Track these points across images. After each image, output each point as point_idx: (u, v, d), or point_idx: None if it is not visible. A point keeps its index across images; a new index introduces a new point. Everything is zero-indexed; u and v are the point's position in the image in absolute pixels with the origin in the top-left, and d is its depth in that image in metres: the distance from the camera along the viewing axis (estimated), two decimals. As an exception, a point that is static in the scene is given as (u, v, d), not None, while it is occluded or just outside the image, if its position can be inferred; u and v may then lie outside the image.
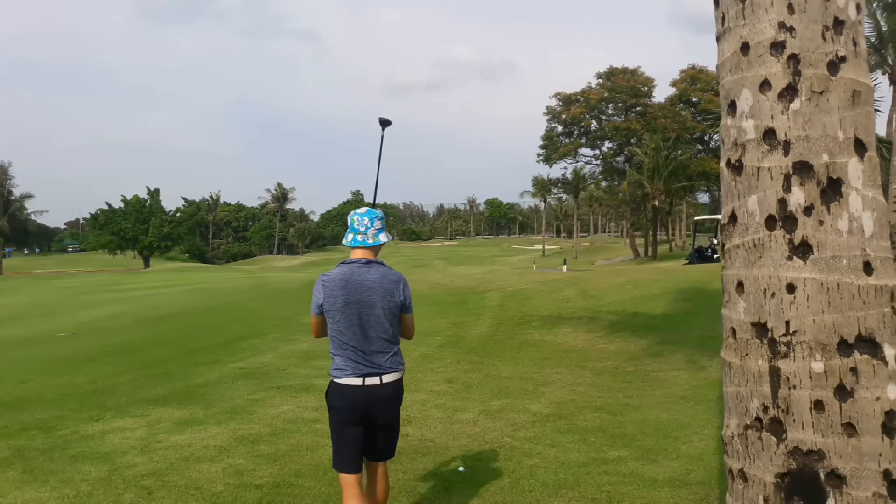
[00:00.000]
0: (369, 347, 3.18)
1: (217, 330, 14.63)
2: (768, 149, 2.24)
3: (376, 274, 3.21)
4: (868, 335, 2.15)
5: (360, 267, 3.21)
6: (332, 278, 3.21)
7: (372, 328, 3.17)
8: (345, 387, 3.19)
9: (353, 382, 3.17)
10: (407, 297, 3.29)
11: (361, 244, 3.25)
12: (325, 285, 3.22)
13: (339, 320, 3.17)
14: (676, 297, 13.54)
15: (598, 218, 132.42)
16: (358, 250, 3.26)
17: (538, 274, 25.95)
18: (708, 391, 7.04)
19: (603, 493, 4.24)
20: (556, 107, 61.08)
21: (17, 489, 4.43)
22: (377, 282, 3.19)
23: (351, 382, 3.17)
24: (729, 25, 2.36)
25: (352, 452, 3.24)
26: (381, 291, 3.19)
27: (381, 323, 3.18)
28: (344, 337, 3.18)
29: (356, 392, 3.17)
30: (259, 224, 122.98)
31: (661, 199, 52.50)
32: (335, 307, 3.17)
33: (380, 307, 3.17)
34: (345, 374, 3.19)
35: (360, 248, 3.26)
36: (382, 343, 3.20)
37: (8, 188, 73.70)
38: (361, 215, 3.29)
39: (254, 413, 6.47)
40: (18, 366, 11.03)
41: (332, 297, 3.18)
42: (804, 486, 2.16)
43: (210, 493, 4.32)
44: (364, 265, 3.22)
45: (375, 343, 3.19)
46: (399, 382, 3.28)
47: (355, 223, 3.28)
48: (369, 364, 3.18)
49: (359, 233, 3.26)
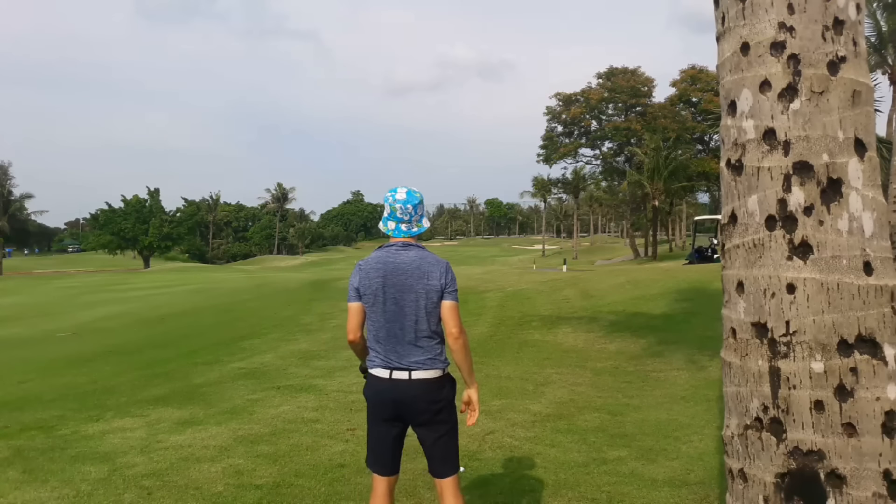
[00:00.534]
0: (402, 337, 2.93)
1: (217, 330, 14.64)
2: (768, 149, 2.24)
3: (415, 255, 2.97)
4: (868, 335, 2.15)
5: (397, 250, 3.00)
6: (369, 261, 3.02)
7: (407, 317, 2.92)
8: (373, 378, 3.01)
9: (380, 374, 2.97)
10: (448, 282, 2.95)
11: (406, 234, 3.03)
12: (360, 268, 3.03)
13: (373, 305, 2.97)
14: (676, 297, 13.54)
15: (598, 218, 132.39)
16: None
17: (538, 274, 25.95)
18: (708, 391, 7.04)
19: (603, 493, 4.24)
20: (556, 107, 61.10)
21: (17, 489, 4.43)
22: (414, 263, 2.95)
23: (378, 374, 2.98)
24: (729, 25, 2.36)
25: (380, 451, 3.06)
26: (418, 274, 2.93)
27: (418, 311, 2.92)
28: (377, 323, 2.97)
29: (383, 385, 2.96)
30: (259, 224, 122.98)
31: (661, 199, 52.51)
32: (370, 291, 2.96)
33: (416, 291, 2.92)
34: (373, 365, 3.00)
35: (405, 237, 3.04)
36: (417, 334, 2.92)
37: (8, 188, 73.69)
38: (404, 202, 3.01)
39: (254, 413, 6.47)
40: (18, 366, 11.03)
41: (367, 279, 2.98)
42: (804, 486, 2.15)
43: (210, 493, 4.32)
44: (402, 247, 3.00)
45: (409, 333, 2.93)
46: (435, 381, 2.95)
47: (398, 212, 3.01)
48: (398, 356, 2.94)
49: (402, 221, 3.03)
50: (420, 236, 3.11)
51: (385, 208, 3.08)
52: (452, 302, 2.95)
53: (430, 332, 2.95)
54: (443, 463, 3.01)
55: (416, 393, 2.93)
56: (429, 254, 3.02)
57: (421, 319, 2.93)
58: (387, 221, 3.07)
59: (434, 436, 3.00)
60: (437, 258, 3.02)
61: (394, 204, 3.03)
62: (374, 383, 3.00)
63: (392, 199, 3.04)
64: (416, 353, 2.93)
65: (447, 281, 2.96)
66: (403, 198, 3.02)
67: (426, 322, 2.94)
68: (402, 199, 3.02)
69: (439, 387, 2.98)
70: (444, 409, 3.00)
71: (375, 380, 3.00)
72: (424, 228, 3.10)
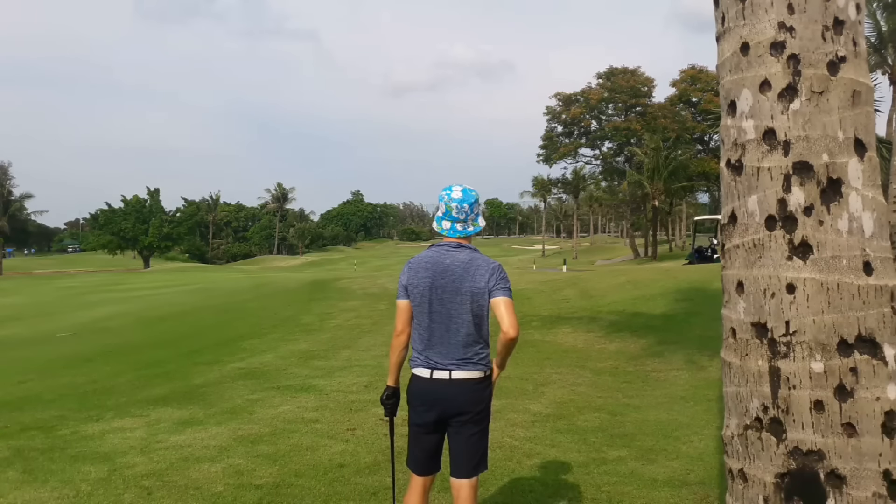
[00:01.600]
0: (446, 338, 2.92)
1: (217, 330, 14.63)
2: (768, 149, 2.24)
3: (465, 256, 2.95)
4: (868, 335, 2.15)
5: (448, 250, 2.99)
6: (419, 260, 3.02)
7: (453, 319, 2.91)
8: (414, 377, 3.01)
9: (421, 374, 2.97)
10: (497, 280, 2.91)
11: (462, 233, 3.01)
12: (410, 267, 3.03)
13: (420, 303, 2.96)
14: (676, 297, 13.54)
15: (598, 218, 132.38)
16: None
17: (538, 274, 25.95)
18: (708, 391, 7.04)
19: (603, 493, 4.24)
20: (556, 107, 61.15)
21: (17, 489, 4.42)
22: (463, 265, 2.93)
23: (420, 373, 2.98)
24: (729, 25, 2.36)
25: (419, 451, 3.06)
26: (466, 276, 2.91)
27: (465, 313, 2.90)
28: (422, 324, 2.96)
29: (424, 385, 2.96)
30: (259, 224, 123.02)
31: (661, 199, 52.52)
32: (418, 289, 2.96)
33: (462, 293, 2.90)
34: (416, 364, 3.01)
35: (460, 237, 3.02)
36: (461, 335, 2.91)
37: (8, 188, 73.76)
38: (461, 202, 2.99)
39: (254, 413, 6.47)
40: (18, 366, 11.03)
41: (416, 278, 2.97)
42: (804, 486, 2.15)
43: (210, 493, 4.32)
44: (454, 248, 2.99)
45: (454, 335, 2.92)
46: (476, 382, 2.95)
47: (454, 211, 2.99)
48: (440, 356, 2.93)
49: (458, 221, 3.00)
50: (419, 236, 3.14)
51: (440, 207, 3.06)
52: (504, 297, 2.89)
53: (476, 334, 2.94)
54: (468, 463, 3.00)
55: (457, 392, 2.93)
56: (481, 255, 2.99)
57: (468, 322, 2.92)
58: (441, 220, 3.05)
59: (467, 434, 2.98)
60: (488, 260, 2.98)
61: (450, 203, 3.00)
62: (416, 383, 3.00)
63: (448, 197, 3.02)
64: (458, 352, 2.93)
65: (496, 280, 2.91)
66: (460, 196, 3.00)
67: (472, 325, 2.93)
68: (458, 197, 2.99)
69: (480, 387, 2.98)
70: (483, 411, 3.00)
71: (417, 379, 3.00)
72: (480, 228, 3.08)
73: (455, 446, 3.02)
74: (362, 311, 15.05)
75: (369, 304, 16.36)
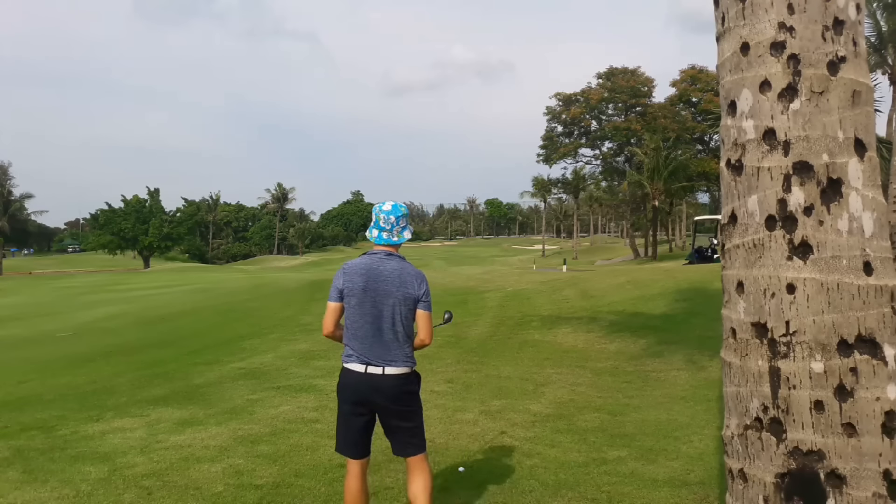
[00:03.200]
0: (379, 337, 3.27)
1: (217, 330, 14.63)
2: (768, 149, 2.24)
3: (396, 265, 3.33)
4: (868, 335, 2.15)
5: (381, 258, 3.35)
6: (354, 266, 3.35)
7: (384, 319, 3.26)
8: (348, 371, 3.33)
9: (356, 368, 3.29)
10: (424, 293, 3.34)
11: (387, 242, 3.39)
12: (345, 272, 3.36)
13: (354, 306, 3.29)
14: (676, 297, 13.54)
15: (598, 218, 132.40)
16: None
17: (538, 274, 25.95)
18: (708, 391, 7.04)
19: (603, 493, 4.24)
20: (556, 107, 61.15)
21: (17, 489, 4.43)
22: (395, 272, 3.30)
23: (354, 368, 3.30)
24: (729, 25, 2.36)
25: (349, 436, 3.39)
26: (398, 282, 3.29)
27: (395, 315, 3.27)
28: (356, 323, 3.29)
29: (358, 378, 3.28)
30: (259, 224, 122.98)
31: (661, 199, 52.52)
32: (353, 293, 3.29)
33: (395, 297, 3.27)
34: (350, 360, 3.31)
35: (385, 245, 3.39)
36: (392, 335, 3.27)
37: (8, 188, 73.80)
38: (388, 213, 3.39)
39: (254, 413, 6.47)
40: (18, 366, 11.03)
41: (351, 282, 3.31)
42: (804, 486, 2.15)
43: (210, 493, 4.32)
44: (385, 256, 3.36)
45: (386, 334, 3.27)
46: (405, 377, 3.31)
47: (381, 221, 3.39)
48: (374, 353, 3.26)
49: (384, 230, 3.40)
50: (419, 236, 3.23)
51: (372, 218, 3.46)
52: (427, 312, 3.36)
53: (403, 334, 3.31)
54: (408, 444, 3.36)
55: (390, 385, 3.27)
56: (409, 265, 3.39)
57: (397, 322, 3.28)
58: (371, 230, 3.44)
59: (402, 421, 3.34)
60: (416, 270, 3.38)
61: (379, 214, 3.41)
62: (350, 376, 3.33)
63: (378, 209, 3.43)
64: (389, 350, 3.28)
65: (423, 292, 3.34)
66: (389, 209, 3.41)
67: (401, 325, 3.29)
68: (387, 210, 3.41)
69: (409, 381, 3.35)
70: (414, 400, 3.38)
71: (351, 373, 3.32)
72: (405, 239, 3.45)
73: (394, 433, 3.37)
74: (362, 311, 15.06)
75: (369, 304, 16.37)
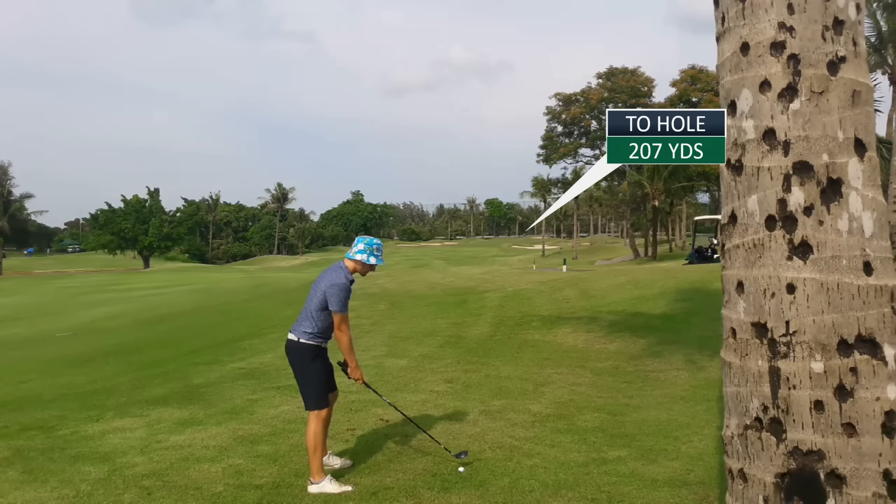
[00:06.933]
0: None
1: (217, 330, 14.63)
2: (768, 149, 2.24)
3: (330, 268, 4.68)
4: (868, 335, 2.15)
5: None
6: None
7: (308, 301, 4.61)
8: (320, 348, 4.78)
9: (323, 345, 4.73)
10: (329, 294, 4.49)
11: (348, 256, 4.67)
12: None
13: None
14: (676, 297, 13.54)
15: (598, 218, 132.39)
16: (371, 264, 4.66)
17: (538, 274, 25.94)
18: (708, 391, 7.04)
19: (603, 493, 4.24)
20: (555, 107, 61.19)
21: (17, 489, 4.43)
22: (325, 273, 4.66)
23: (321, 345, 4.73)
24: (729, 25, 2.36)
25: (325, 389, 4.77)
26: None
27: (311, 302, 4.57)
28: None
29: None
30: (259, 224, 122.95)
31: (661, 199, 52.54)
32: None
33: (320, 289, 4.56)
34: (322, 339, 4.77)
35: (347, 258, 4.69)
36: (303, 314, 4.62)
37: (8, 188, 73.79)
38: (380, 244, 4.73)
39: (254, 413, 6.47)
40: (18, 366, 11.04)
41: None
42: (804, 486, 2.16)
43: (210, 493, 4.32)
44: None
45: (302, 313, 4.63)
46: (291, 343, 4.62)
47: (375, 251, 4.64)
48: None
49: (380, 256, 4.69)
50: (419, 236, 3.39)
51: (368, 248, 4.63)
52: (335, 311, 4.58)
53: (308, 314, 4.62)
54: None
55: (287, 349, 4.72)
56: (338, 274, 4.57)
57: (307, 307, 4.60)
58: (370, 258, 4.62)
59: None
60: (334, 278, 4.53)
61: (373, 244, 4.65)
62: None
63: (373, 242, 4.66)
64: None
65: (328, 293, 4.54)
66: (379, 241, 4.74)
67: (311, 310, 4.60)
68: (378, 242, 4.72)
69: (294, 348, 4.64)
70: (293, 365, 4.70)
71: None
72: (350, 256, 4.62)
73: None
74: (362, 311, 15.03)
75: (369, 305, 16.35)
